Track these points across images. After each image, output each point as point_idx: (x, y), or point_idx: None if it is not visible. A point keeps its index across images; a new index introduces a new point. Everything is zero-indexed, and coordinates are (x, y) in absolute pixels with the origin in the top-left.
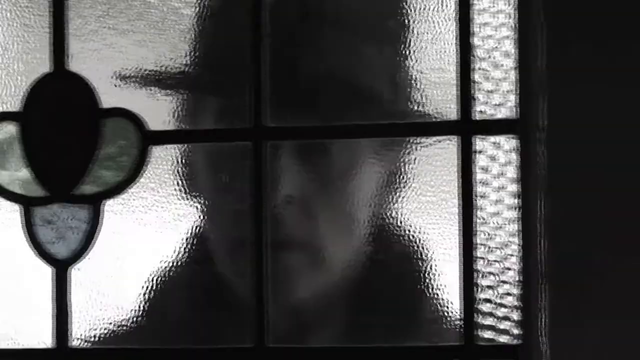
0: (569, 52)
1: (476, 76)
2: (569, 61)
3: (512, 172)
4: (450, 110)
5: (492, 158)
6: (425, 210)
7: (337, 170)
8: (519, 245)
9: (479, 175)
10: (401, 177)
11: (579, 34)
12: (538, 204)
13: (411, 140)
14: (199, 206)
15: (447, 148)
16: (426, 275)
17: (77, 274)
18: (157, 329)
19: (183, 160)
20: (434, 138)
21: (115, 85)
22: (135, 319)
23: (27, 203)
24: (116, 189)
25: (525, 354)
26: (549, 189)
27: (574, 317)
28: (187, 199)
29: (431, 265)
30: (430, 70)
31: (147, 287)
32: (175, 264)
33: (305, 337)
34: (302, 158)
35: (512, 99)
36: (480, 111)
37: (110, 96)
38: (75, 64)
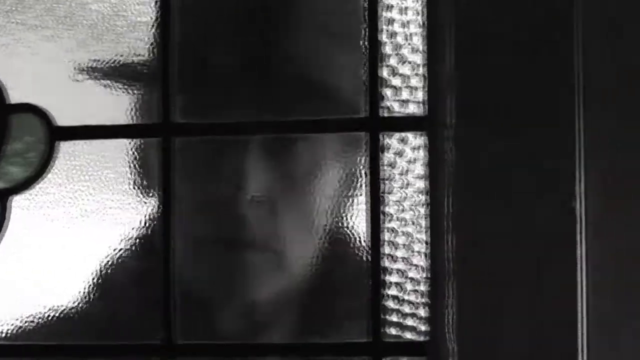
0: (478, 50)
1: (384, 72)
2: (477, 59)
3: (420, 168)
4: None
5: (400, 154)
6: None
7: (254, 167)
8: (426, 242)
9: (386, 172)
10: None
11: (488, 32)
12: (446, 201)
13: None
14: (107, 202)
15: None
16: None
17: None
18: (63, 324)
19: (92, 156)
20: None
21: (25, 81)
22: (44, 314)
23: None
24: (23, 185)
25: (432, 351)
26: (457, 186)
27: (481, 314)
28: (95, 195)
29: None
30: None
31: (55, 282)
32: (82, 259)
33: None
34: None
35: (421, 95)
36: (388, 108)
37: (19, 92)
38: None
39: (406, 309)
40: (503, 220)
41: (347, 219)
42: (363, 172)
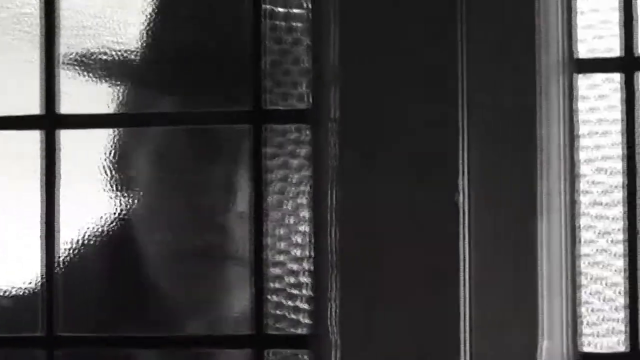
0: (362, 44)
1: (267, 65)
2: (362, 53)
3: (303, 162)
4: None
5: (283, 147)
6: None
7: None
8: (309, 234)
9: (269, 165)
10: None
11: (371, 27)
12: (329, 193)
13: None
14: None
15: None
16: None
17: None
18: None
19: None
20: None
21: None
22: None
23: None
24: None
25: (315, 344)
26: (340, 179)
27: (364, 307)
28: None
29: None
30: None
31: None
32: None
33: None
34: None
35: (305, 89)
36: (272, 101)
37: None
38: None
39: (289, 302)
40: (387, 213)
41: (228, 212)
42: (246, 164)
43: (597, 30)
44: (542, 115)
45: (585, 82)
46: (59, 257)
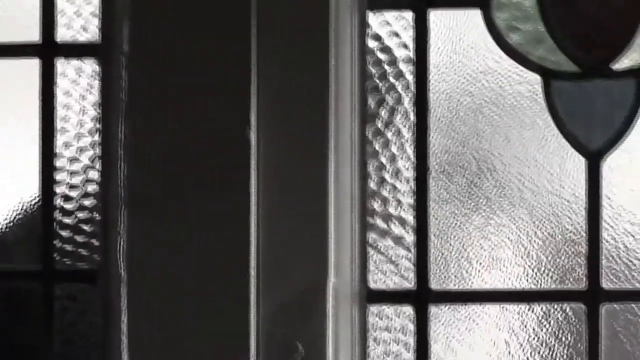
0: None
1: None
2: None
3: (94, 96)
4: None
5: (74, 82)
6: None
7: None
8: (99, 170)
9: (60, 99)
10: None
11: None
12: (119, 128)
13: None
14: None
15: (31, 71)
16: None
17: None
18: None
19: None
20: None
21: None
22: None
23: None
24: None
25: (102, 278)
26: (130, 114)
27: (152, 241)
28: None
29: None
30: None
31: None
32: None
33: None
34: None
35: (96, 22)
36: (64, 34)
37: None
38: None
39: (79, 238)
40: (178, 149)
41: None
42: (36, 99)
43: None
44: (333, 52)
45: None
46: None
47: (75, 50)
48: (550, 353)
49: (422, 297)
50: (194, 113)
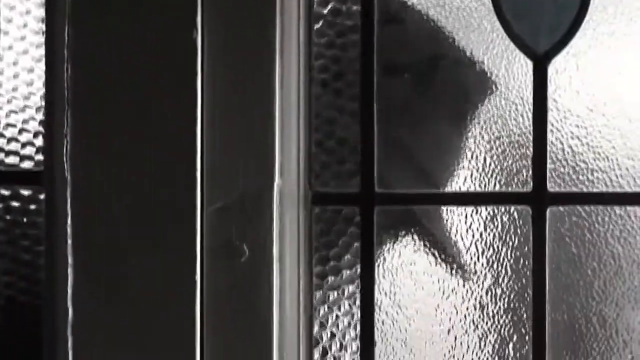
0: None
1: None
2: None
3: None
4: None
5: None
6: None
7: None
8: (44, 71)
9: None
10: None
11: None
12: (64, 30)
13: None
14: None
15: None
16: None
17: None
18: None
19: None
20: None
21: None
22: None
23: None
24: None
25: (48, 180)
26: (74, 16)
27: (95, 142)
28: None
29: None
30: None
31: None
32: None
33: None
34: None
35: None
36: None
37: None
38: None
39: (22, 138)
40: (121, 50)
41: None
42: None
43: None
44: None
45: None
46: None
47: None
48: (496, 255)
49: (367, 200)
50: (140, 15)
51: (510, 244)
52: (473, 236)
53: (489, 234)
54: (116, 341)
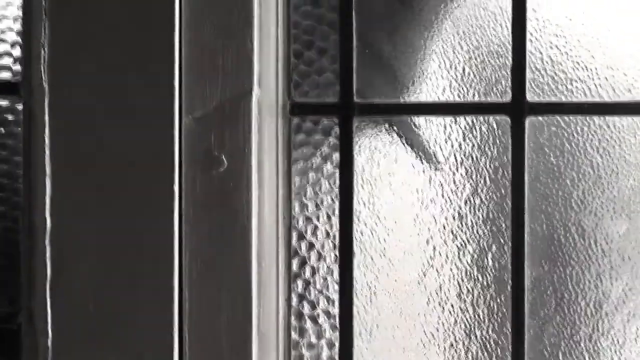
0: None
1: None
2: None
3: None
4: None
5: None
6: None
7: None
8: None
9: None
10: None
11: None
12: None
13: None
14: None
15: None
16: None
17: None
18: None
19: None
20: None
21: None
22: None
23: None
24: None
25: (26, 90)
26: None
27: (73, 52)
28: None
29: None
30: None
31: None
32: None
33: None
34: None
35: None
36: None
37: None
38: None
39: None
40: None
41: None
42: None
43: None
44: None
45: None
46: None
47: None
48: (475, 165)
49: (346, 110)
50: None
51: (489, 154)
52: (452, 146)
53: (467, 144)
54: (94, 251)
